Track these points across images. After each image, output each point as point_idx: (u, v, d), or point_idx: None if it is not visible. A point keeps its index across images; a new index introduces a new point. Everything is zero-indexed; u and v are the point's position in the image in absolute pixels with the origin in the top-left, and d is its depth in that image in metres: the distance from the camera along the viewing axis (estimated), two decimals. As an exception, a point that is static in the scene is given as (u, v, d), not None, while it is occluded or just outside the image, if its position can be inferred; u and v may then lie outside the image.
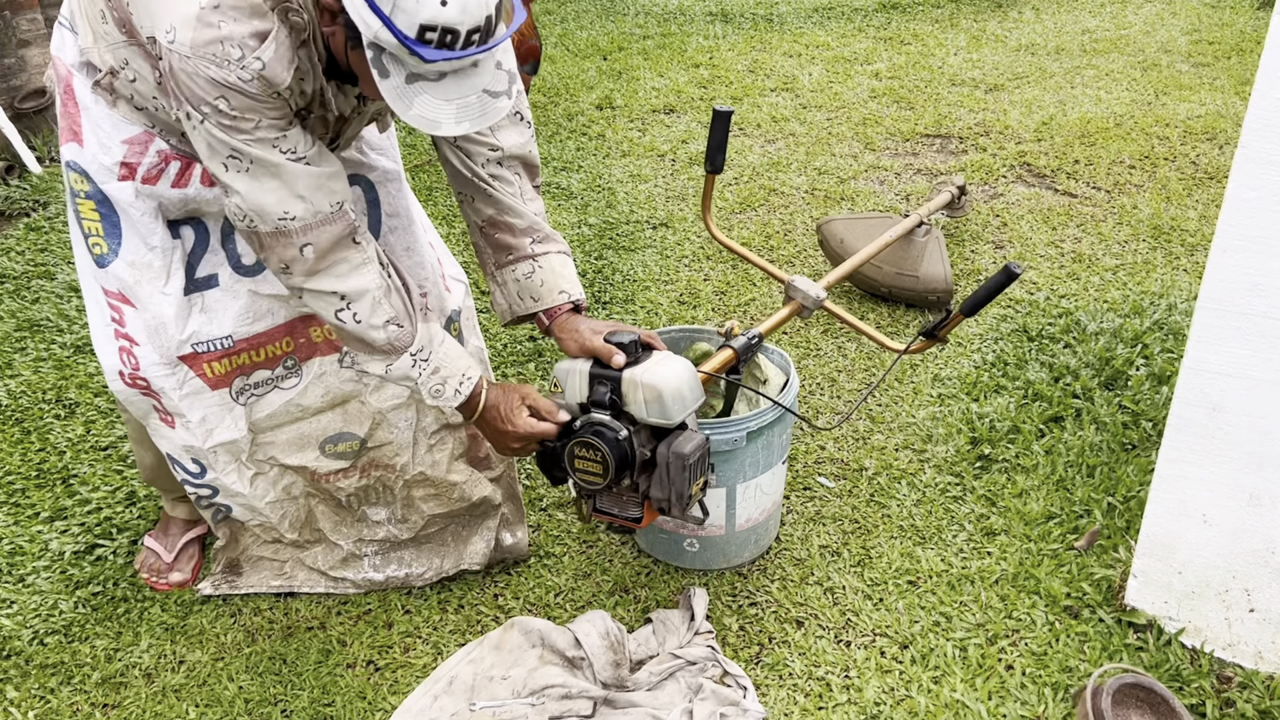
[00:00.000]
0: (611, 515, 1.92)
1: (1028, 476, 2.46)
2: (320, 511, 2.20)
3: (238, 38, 1.46)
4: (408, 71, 1.44)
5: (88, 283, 1.89)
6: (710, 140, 2.35)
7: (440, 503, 2.18)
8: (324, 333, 2.02)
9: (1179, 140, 4.41)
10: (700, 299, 3.37)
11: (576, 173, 4.42)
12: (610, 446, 1.76)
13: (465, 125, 1.51)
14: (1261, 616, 1.89)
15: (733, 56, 6.03)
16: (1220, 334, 1.80)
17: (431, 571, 2.24)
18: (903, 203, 4.01)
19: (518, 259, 1.92)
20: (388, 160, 2.02)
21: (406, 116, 1.46)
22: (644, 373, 1.78)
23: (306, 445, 2.08)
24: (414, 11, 1.37)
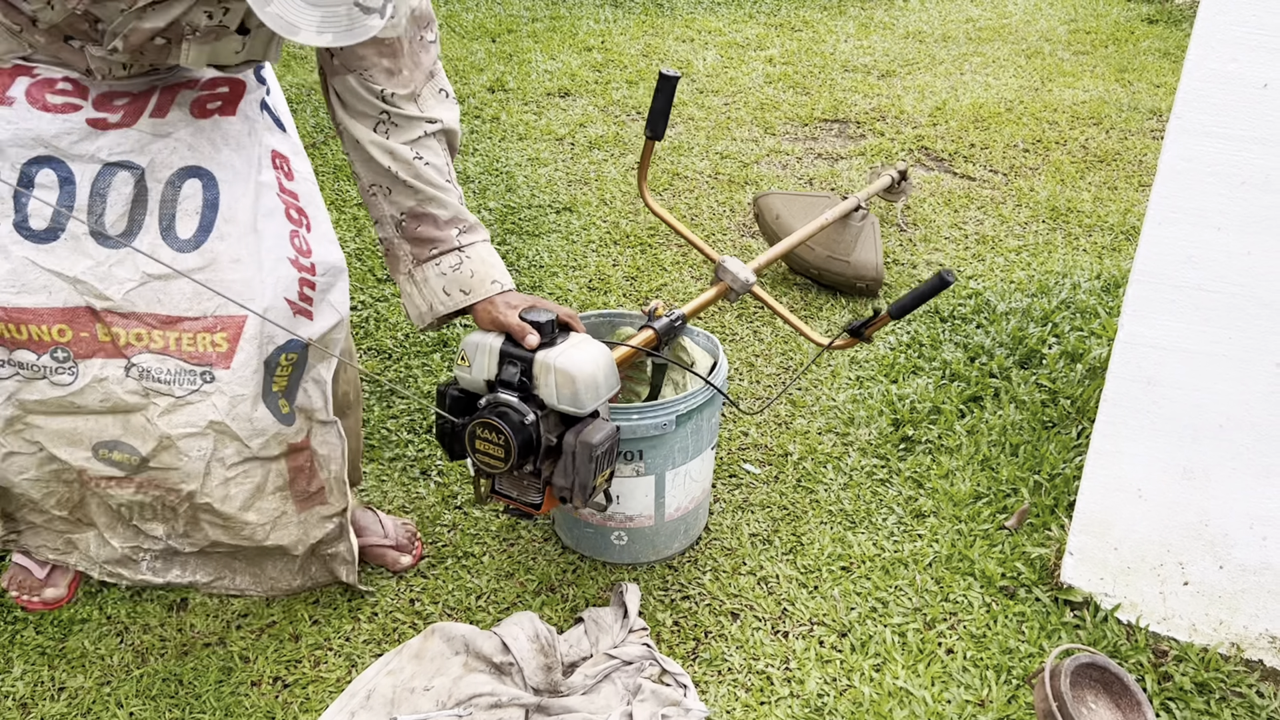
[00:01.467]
0: (510, 498, 1.81)
1: (952, 457, 2.44)
2: (94, 505, 1.93)
3: None
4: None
5: None
6: (654, 105, 2.23)
7: (228, 535, 1.92)
8: (110, 332, 1.71)
9: (1068, 125, 4.51)
10: (610, 285, 3.26)
11: (471, 156, 4.25)
12: (514, 430, 1.65)
13: (328, 37, 1.33)
14: (1195, 589, 1.90)
15: (625, 41, 5.93)
16: (1155, 307, 1.79)
17: (223, 583, 2.04)
18: (805, 186, 3.98)
19: (442, 252, 1.76)
20: (239, 159, 1.75)
21: (264, 14, 1.27)
22: (558, 356, 1.67)
23: (78, 443, 1.79)
24: None
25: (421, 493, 2.38)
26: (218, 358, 1.73)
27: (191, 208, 1.70)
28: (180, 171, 1.69)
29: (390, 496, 2.37)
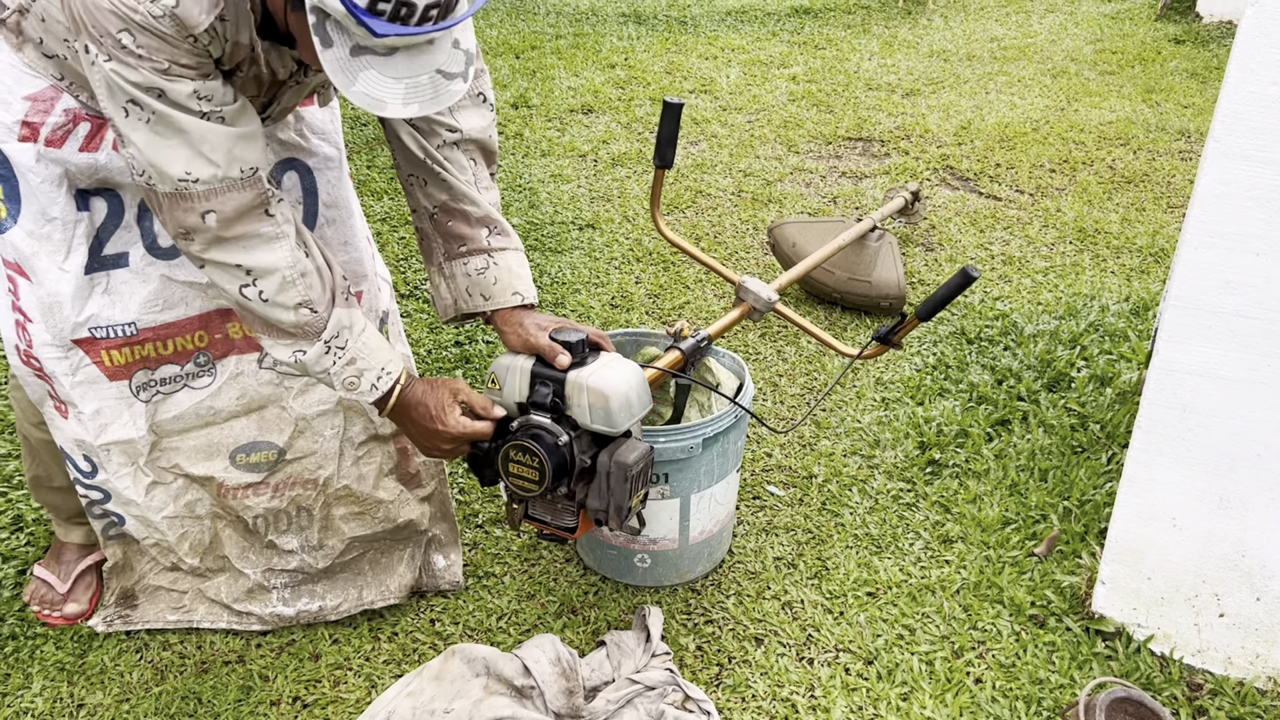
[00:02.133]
0: (543, 523, 1.79)
1: (980, 481, 2.41)
2: (226, 535, 1.98)
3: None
4: (354, 43, 1.27)
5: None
6: (660, 133, 2.23)
7: (363, 523, 2.00)
8: (243, 329, 1.82)
9: (1094, 145, 4.47)
10: (633, 302, 3.25)
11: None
12: (548, 452, 1.63)
13: (414, 108, 1.34)
14: (1231, 621, 1.86)
15: (648, 58, 5.94)
16: (1191, 333, 1.75)
17: (349, 604, 2.06)
18: (830, 205, 3.96)
19: (471, 251, 1.76)
20: (329, 146, 1.83)
21: (349, 93, 1.29)
22: (590, 375, 1.66)
23: (216, 453, 1.88)
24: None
25: (443, 511, 2.36)
26: None
27: (293, 199, 1.79)
28: (277, 167, 1.77)
29: (411, 514, 2.36)
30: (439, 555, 2.13)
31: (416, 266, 3.42)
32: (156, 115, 1.37)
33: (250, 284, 1.52)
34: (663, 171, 2.31)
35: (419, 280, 3.33)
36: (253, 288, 1.52)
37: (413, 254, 3.50)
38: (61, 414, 1.78)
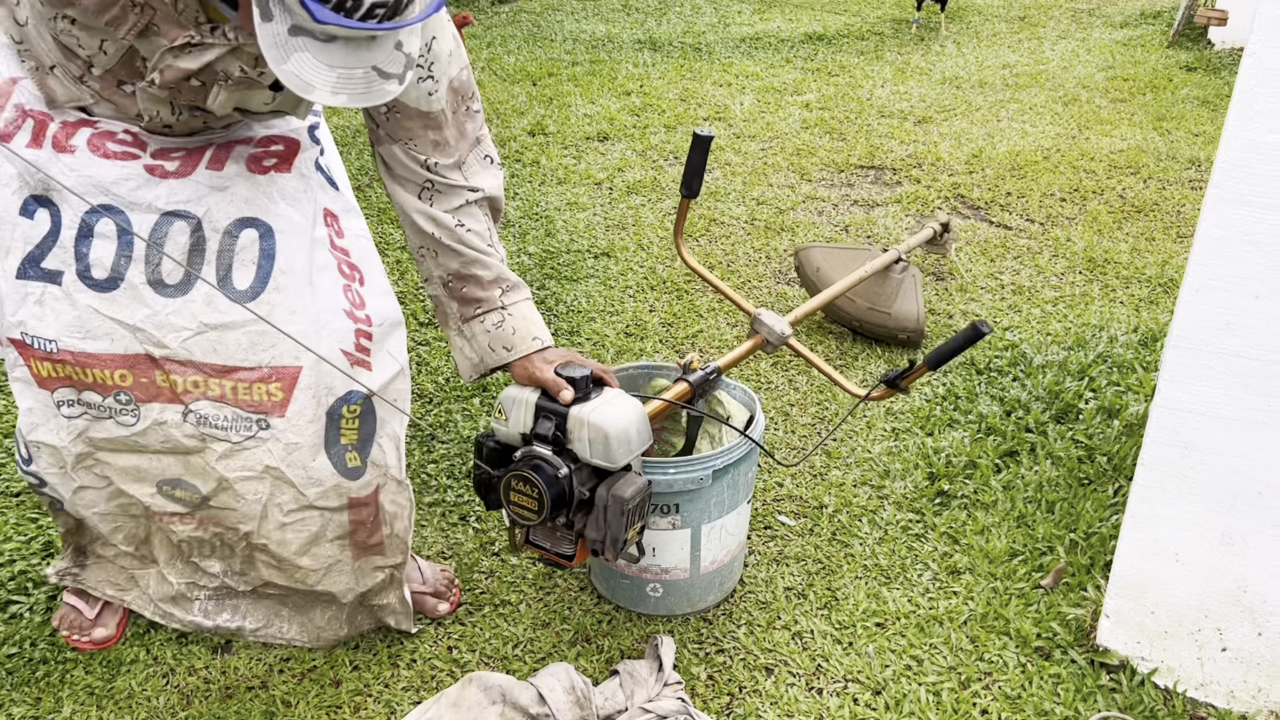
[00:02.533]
0: (543, 549, 1.86)
1: (988, 513, 2.45)
2: (158, 540, 1.99)
3: None
4: (292, 23, 1.26)
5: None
6: (688, 164, 2.29)
7: (280, 576, 1.97)
8: (169, 381, 1.75)
9: (1105, 174, 4.51)
10: (647, 331, 3.30)
11: (512, 200, 4.33)
12: (548, 484, 1.70)
13: (342, 98, 1.33)
14: (1234, 655, 1.89)
15: (663, 85, 6.01)
16: (1192, 373, 1.79)
17: (272, 632, 2.07)
18: (842, 234, 4.01)
19: (487, 310, 1.82)
20: (297, 214, 1.79)
21: (279, 70, 1.28)
22: (592, 411, 1.72)
23: (143, 479, 1.86)
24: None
25: (460, 538, 2.42)
26: (273, 406, 1.77)
27: (249, 257, 1.74)
28: (237, 221, 1.73)
29: (429, 541, 2.41)
30: (389, 618, 2.10)
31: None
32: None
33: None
34: (688, 201, 2.36)
35: (437, 308, 3.40)
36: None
37: (431, 282, 3.56)
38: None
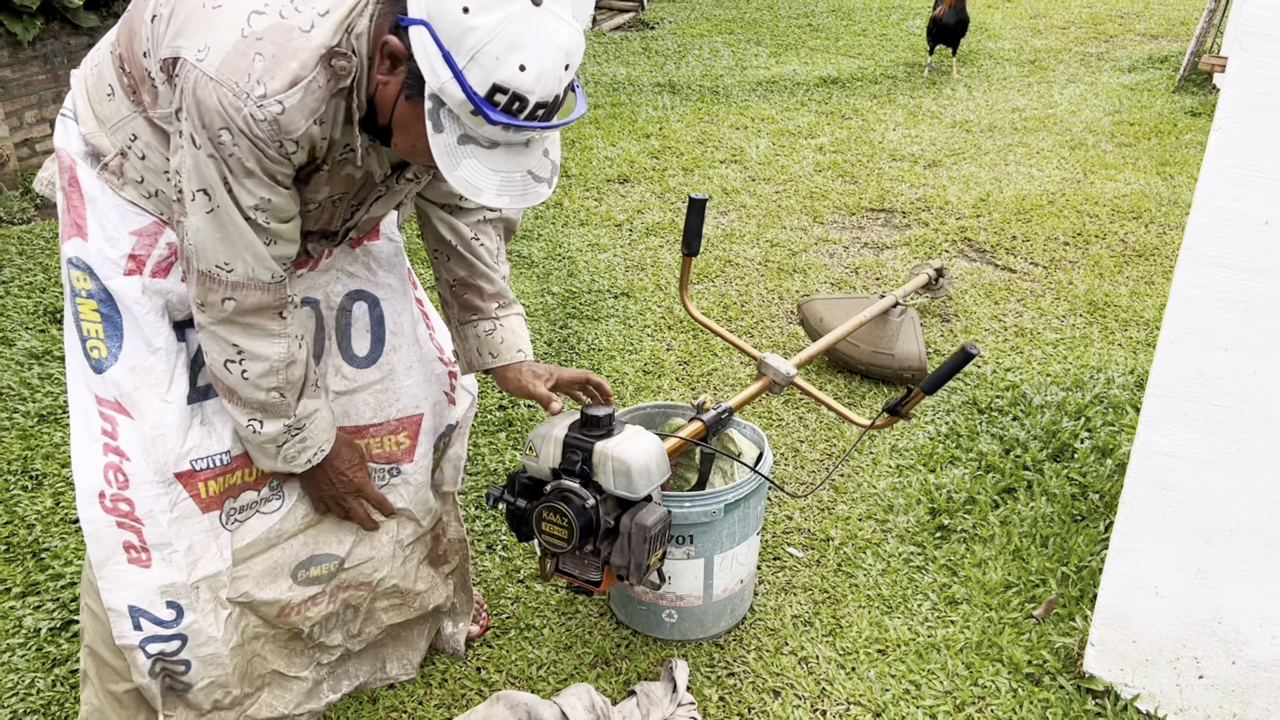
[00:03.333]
0: (572, 576, 2.01)
1: (985, 546, 2.59)
2: (268, 651, 1.98)
3: (267, 76, 1.40)
4: (461, 132, 1.41)
5: (79, 393, 1.71)
6: (686, 226, 2.47)
7: (401, 612, 2.12)
8: None
9: (1108, 218, 4.67)
10: (664, 369, 3.47)
11: (536, 241, 4.51)
12: (576, 513, 1.85)
13: (505, 200, 1.47)
14: (1209, 683, 2.02)
15: (682, 128, 6.22)
16: (1168, 419, 1.94)
17: (377, 677, 2.21)
18: (852, 275, 4.18)
19: (482, 319, 2.00)
20: (393, 277, 1.97)
21: (451, 176, 1.42)
22: (616, 446, 1.88)
23: (280, 574, 1.89)
24: (491, 69, 1.34)
25: (487, 565, 2.58)
26: (403, 454, 1.99)
27: (362, 326, 1.93)
28: (348, 296, 1.92)
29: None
30: (449, 621, 2.27)
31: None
32: (218, 209, 1.49)
33: (237, 361, 1.63)
34: (690, 259, 2.54)
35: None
36: (236, 364, 1.63)
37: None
38: (142, 564, 1.72)
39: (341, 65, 1.44)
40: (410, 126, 1.48)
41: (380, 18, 1.45)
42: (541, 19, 1.36)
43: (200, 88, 1.40)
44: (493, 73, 1.34)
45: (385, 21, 1.45)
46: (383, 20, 1.45)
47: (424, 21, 1.36)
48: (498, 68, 1.34)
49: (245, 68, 1.40)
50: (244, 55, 1.40)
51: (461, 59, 1.34)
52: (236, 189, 1.47)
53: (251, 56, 1.40)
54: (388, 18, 1.44)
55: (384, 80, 1.47)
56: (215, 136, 1.42)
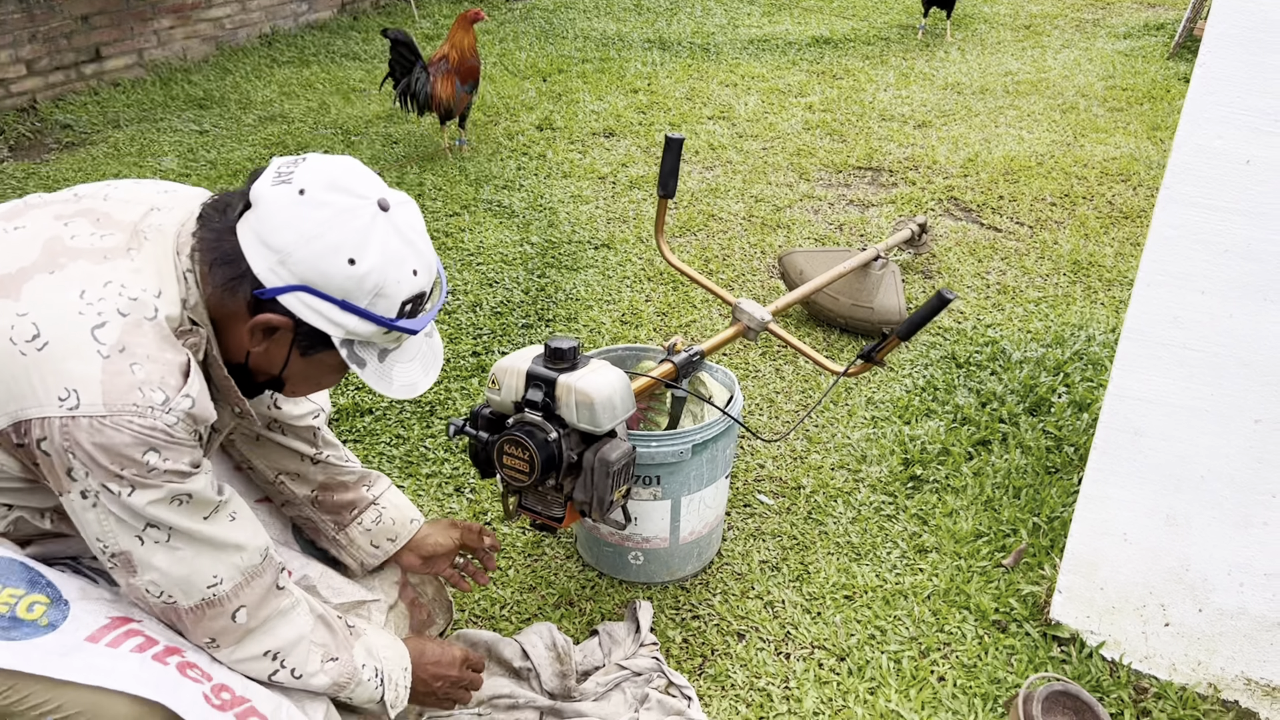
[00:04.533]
0: (535, 513, 1.98)
1: (957, 497, 2.56)
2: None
3: (157, 379, 1.26)
4: (379, 349, 1.42)
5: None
6: (663, 165, 2.42)
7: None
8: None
9: (1096, 180, 4.62)
10: (642, 319, 3.43)
11: (518, 192, 4.45)
12: (539, 447, 1.81)
13: (433, 374, 1.51)
14: (1175, 631, 2.01)
15: (670, 84, 6.13)
16: (1142, 363, 1.91)
17: None
18: (836, 231, 4.13)
19: (361, 509, 1.89)
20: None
21: (391, 392, 1.43)
22: (579, 379, 1.84)
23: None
24: (395, 294, 1.34)
25: (454, 508, 2.54)
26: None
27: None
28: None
29: (425, 511, 2.54)
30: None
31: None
32: (174, 531, 1.32)
33: (280, 668, 1.48)
34: (665, 200, 2.49)
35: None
36: (283, 671, 1.48)
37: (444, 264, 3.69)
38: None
39: (193, 342, 1.35)
40: (313, 376, 1.47)
41: (216, 290, 1.34)
42: (395, 215, 1.35)
43: (95, 434, 1.23)
44: (397, 295, 1.35)
45: (226, 295, 1.34)
46: (221, 294, 1.34)
47: (299, 287, 1.31)
48: (399, 289, 1.34)
49: (132, 384, 1.24)
50: (121, 373, 1.24)
51: (364, 300, 1.33)
52: (189, 487, 1.32)
53: (129, 370, 1.25)
54: (227, 291, 1.33)
55: (259, 349, 1.39)
56: (143, 465, 1.26)
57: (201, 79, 6.02)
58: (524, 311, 3.44)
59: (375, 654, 1.62)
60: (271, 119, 5.37)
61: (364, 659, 1.58)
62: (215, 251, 1.33)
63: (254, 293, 1.32)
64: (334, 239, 1.29)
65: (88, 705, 1.28)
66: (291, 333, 1.36)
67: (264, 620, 1.44)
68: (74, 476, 1.26)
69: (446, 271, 3.67)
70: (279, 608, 1.47)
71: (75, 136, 5.08)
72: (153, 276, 1.32)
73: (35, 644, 1.28)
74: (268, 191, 1.31)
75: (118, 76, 5.93)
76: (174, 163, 4.66)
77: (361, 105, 5.62)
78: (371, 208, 1.32)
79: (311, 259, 1.29)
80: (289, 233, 1.29)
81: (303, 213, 1.29)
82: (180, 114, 5.41)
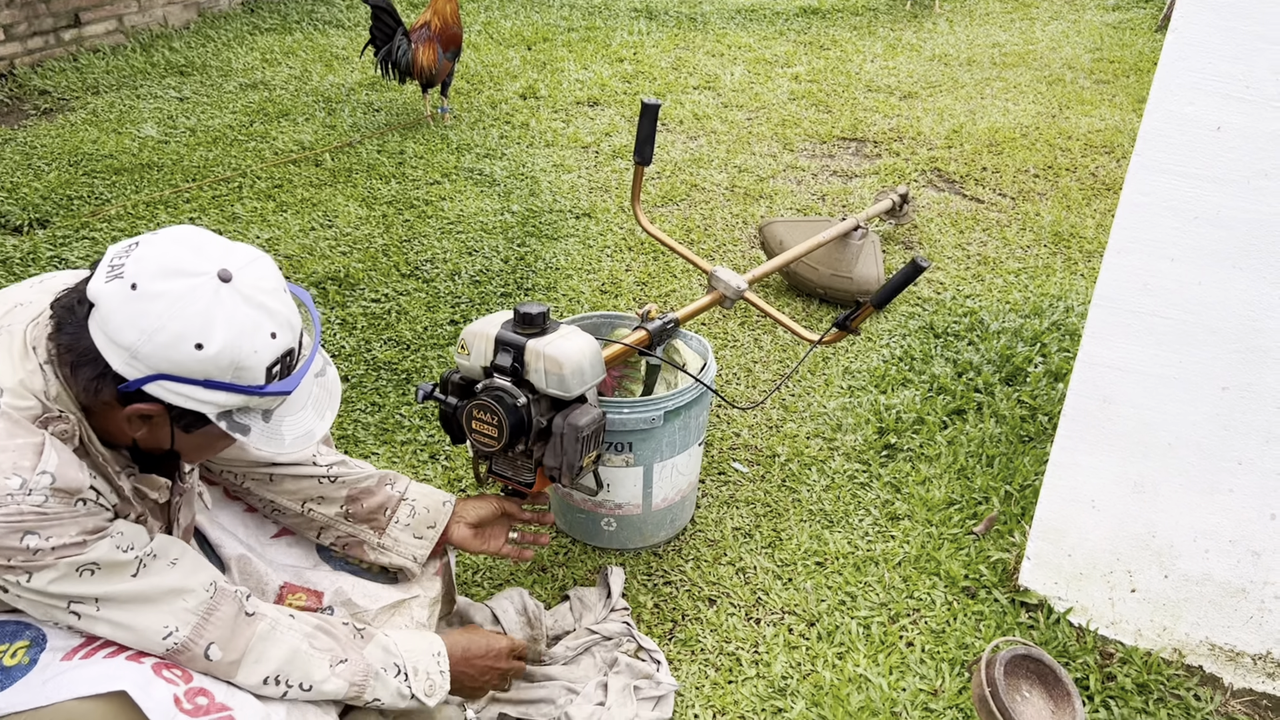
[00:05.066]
0: (506, 478, 1.97)
1: (931, 465, 2.57)
2: None
3: (9, 466, 1.23)
4: (261, 411, 1.37)
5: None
6: (639, 132, 2.40)
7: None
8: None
9: (1080, 152, 4.61)
10: (622, 289, 3.42)
11: (500, 160, 4.43)
12: (507, 412, 1.81)
13: (328, 415, 1.45)
14: (1141, 596, 2.02)
15: (656, 53, 6.09)
16: (1113, 330, 1.91)
17: None
18: (819, 202, 4.12)
19: (393, 508, 1.86)
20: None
21: (285, 448, 1.39)
22: (548, 345, 1.82)
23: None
24: (256, 362, 1.29)
25: (429, 475, 2.54)
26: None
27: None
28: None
29: (400, 477, 2.53)
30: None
31: (418, 248, 3.60)
32: (99, 598, 1.31)
33: (287, 687, 1.48)
34: (642, 168, 2.48)
35: (419, 261, 3.51)
36: (291, 688, 1.49)
37: (416, 235, 3.67)
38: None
39: (62, 429, 1.32)
40: (204, 446, 1.44)
41: (82, 388, 1.30)
42: (239, 282, 1.29)
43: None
44: (259, 364, 1.30)
45: (93, 391, 1.29)
46: (88, 391, 1.30)
47: (156, 376, 1.27)
48: (258, 358, 1.30)
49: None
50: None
51: (226, 376, 1.29)
52: (90, 555, 1.29)
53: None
54: (94, 388, 1.29)
55: (141, 434, 1.36)
56: (26, 552, 1.24)
57: (182, 46, 5.96)
58: (503, 280, 3.43)
59: (392, 650, 1.61)
60: (253, 86, 5.32)
61: (378, 656, 1.58)
62: (74, 353, 1.29)
63: (118, 387, 1.28)
64: (176, 329, 1.24)
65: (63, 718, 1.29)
66: (167, 416, 1.33)
67: (244, 650, 1.44)
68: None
69: (425, 239, 3.65)
70: (256, 633, 1.46)
71: (53, 103, 5.03)
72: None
73: (22, 684, 1.30)
74: (103, 290, 1.26)
75: (97, 43, 5.86)
76: (153, 130, 4.61)
77: (344, 73, 5.57)
78: (211, 284, 1.27)
79: (159, 351, 1.25)
80: (131, 331, 1.24)
81: (139, 309, 1.24)
82: (160, 81, 5.36)
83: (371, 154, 4.37)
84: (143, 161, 4.21)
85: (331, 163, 4.28)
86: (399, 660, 1.61)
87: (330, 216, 3.81)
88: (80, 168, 4.14)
